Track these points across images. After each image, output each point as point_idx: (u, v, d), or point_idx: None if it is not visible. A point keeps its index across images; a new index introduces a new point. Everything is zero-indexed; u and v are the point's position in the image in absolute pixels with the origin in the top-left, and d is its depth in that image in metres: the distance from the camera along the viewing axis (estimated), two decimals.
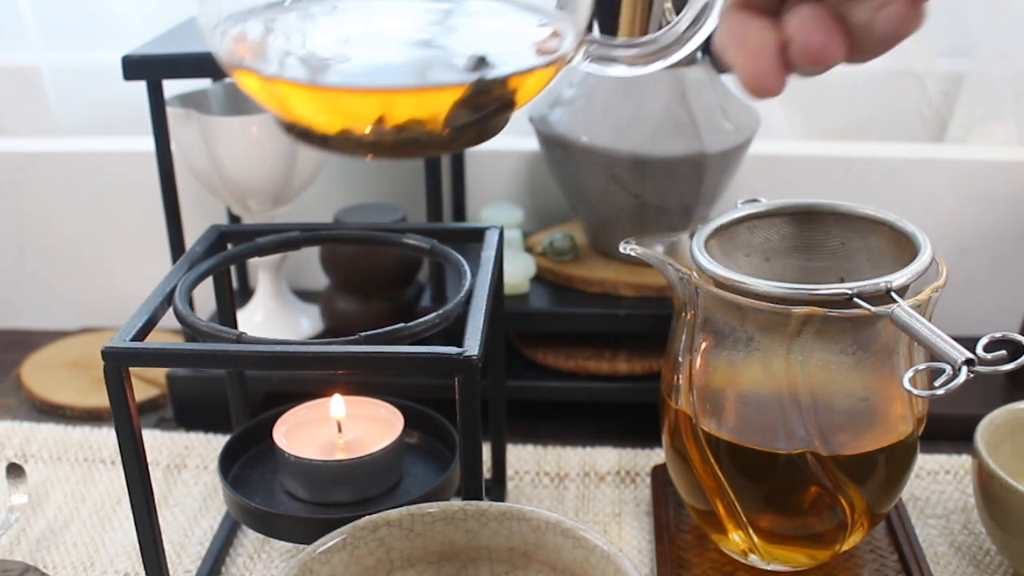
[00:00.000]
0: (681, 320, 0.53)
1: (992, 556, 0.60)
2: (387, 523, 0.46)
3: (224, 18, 0.38)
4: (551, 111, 0.71)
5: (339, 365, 0.46)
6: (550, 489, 0.67)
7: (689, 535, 0.60)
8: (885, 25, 0.32)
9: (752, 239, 0.56)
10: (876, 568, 0.57)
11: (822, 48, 0.32)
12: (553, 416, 0.76)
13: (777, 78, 0.34)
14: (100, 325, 0.90)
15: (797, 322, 0.47)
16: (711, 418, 0.52)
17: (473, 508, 0.46)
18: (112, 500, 0.67)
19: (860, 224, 0.54)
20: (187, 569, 0.60)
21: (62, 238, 0.88)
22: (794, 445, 0.50)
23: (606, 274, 0.73)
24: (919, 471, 0.67)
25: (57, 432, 0.73)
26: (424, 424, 0.61)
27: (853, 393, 0.50)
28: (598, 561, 0.44)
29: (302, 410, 0.59)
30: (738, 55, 0.34)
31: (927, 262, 0.49)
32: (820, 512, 0.52)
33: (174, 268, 0.53)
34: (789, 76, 0.34)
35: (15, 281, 0.90)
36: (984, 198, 0.81)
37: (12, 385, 0.81)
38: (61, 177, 0.86)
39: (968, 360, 0.41)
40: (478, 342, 0.46)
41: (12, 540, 0.63)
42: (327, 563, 0.44)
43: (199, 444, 0.72)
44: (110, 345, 0.45)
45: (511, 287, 0.72)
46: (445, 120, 0.38)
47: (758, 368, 0.50)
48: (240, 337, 0.46)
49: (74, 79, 0.92)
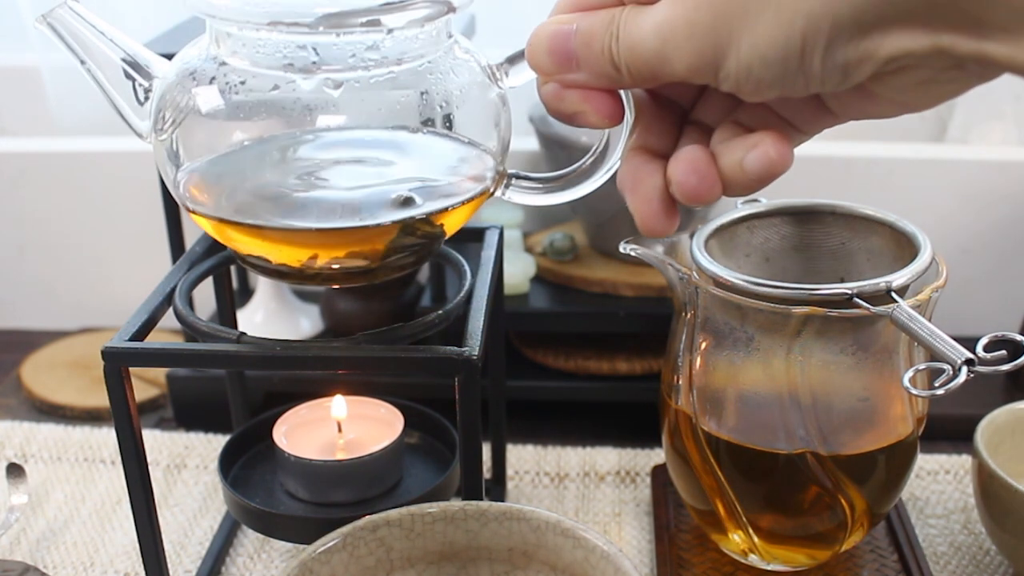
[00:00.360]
0: (681, 320, 0.53)
1: (992, 556, 0.60)
2: (387, 523, 0.46)
3: (185, 169, 0.42)
4: None
5: (339, 365, 0.46)
6: (550, 489, 0.67)
7: (689, 535, 0.60)
8: (755, 165, 0.35)
9: (752, 239, 0.56)
10: (876, 568, 0.57)
11: (695, 189, 0.36)
12: (553, 416, 0.76)
13: (665, 222, 0.38)
14: (100, 325, 0.90)
15: (797, 322, 0.47)
16: (711, 418, 0.52)
17: (473, 508, 0.46)
18: (112, 500, 0.66)
19: (860, 224, 0.54)
20: (187, 569, 0.60)
21: (62, 238, 0.88)
22: (794, 445, 0.50)
23: (606, 274, 0.73)
24: (919, 471, 0.67)
25: (57, 432, 0.73)
26: (424, 424, 0.61)
27: (853, 393, 0.50)
28: (598, 561, 0.44)
29: (302, 410, 0.59)
30: (632, 199, 0.38)
31: (927, 262, 0.49)
32: (820, 512, 0.52)
33: (174, 268, 0.53)
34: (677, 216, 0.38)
35: (15, 281, 0.90)
36: (984, 198, 0.81)
37: (12, 385, 0.81)
38: (61, 177, 0.86)
39: (968, 360, 0.41)
40: (478, 342, 0.46)
41: (12, 540, 0.63)
42: (327, 563, 0.44)
43: (199, 444, 0.72)
44: (110, 345, 0.45)
45: (511, 287, 0.72)
46: (381, 254, 0.43)
47: (758, 368, 0.50)
48: (240, 337, 0.46)
49: (74, 79, 0.92)
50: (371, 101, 0.41)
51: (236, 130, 0.42)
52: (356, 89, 0.41)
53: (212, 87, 0.41)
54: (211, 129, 0.42)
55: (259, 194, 0.43)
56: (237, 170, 0.43)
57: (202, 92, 0.42)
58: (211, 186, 0.43)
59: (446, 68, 0.43)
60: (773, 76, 0.32)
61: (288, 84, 0.41)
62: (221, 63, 0.41)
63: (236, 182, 0.43)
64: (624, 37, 0.34)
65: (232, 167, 0.43)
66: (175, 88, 0.42)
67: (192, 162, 0.43)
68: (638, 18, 0.34)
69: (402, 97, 0.42)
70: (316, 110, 0.41)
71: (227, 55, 0.41)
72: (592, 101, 0.37)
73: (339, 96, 0.40)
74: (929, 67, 0.31)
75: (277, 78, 0.41)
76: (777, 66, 0.31)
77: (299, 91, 0.41)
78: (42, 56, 0.92)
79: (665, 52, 0.33)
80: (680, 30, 0.32)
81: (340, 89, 0.40)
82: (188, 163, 0.43)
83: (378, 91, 0.41)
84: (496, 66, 0.44)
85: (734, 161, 0.35)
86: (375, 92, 0.41)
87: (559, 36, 0.36)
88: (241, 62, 0.41)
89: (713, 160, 0.36)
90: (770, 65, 0.31)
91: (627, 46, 0.34)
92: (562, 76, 0.37)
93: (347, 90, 0.41)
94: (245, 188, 0.43)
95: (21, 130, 0.96)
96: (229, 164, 0.43)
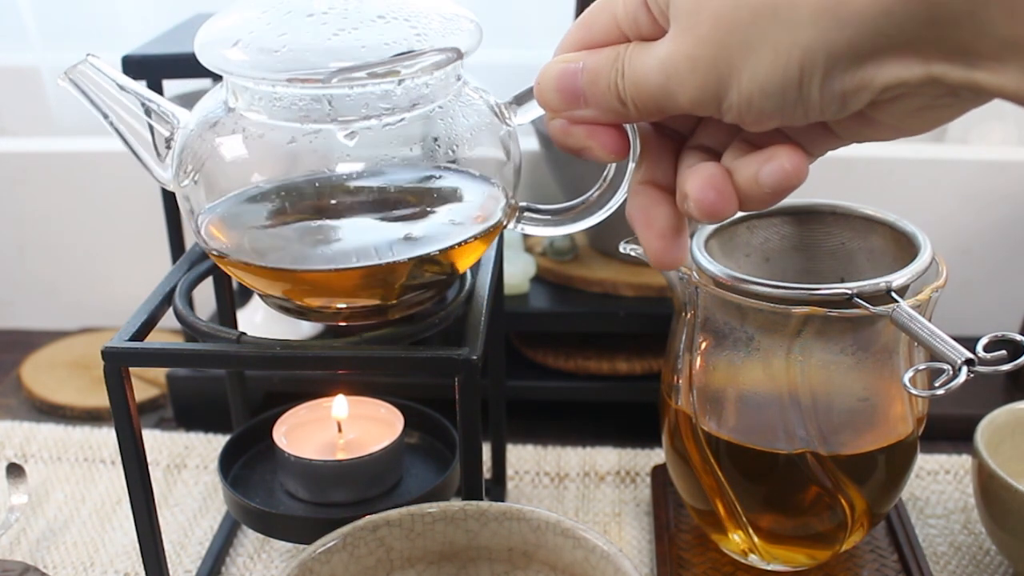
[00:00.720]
0: (681, 320, 0.53)
1: (992, 556, 0.60)
2: (387, 523, 0.46)
3: (204, 209, 0.44)
4: None
5: (339, 365, 0.46)
6: (550, 489, 0.67)
7: (689, 535, 0.60)
8: (770, 178, 0.35)
9: (752, 239, 0.56)
10: (876, 568, 0.57)
11: (713, 205, 0.36)
12: (553, 416, 0.76)
13: (677, 255, 0.39)
14: (100, 325, 0.90)
15: (797, 322, 0.47)
16: (711, 418, 0.52)
17: (473, 508, 0.46)
18: (112, 500, 0.66)
19: (860, 224, 0.54)
20: (187, 569, 0.60)
21: (62, 238, 0.88)
22: (794, 445, 0.50)
23: (606, 274, 0.73)
24: (919, 471, 0.67)
25: (57, 432, 0.73)
26: (424, 424, 0.61)
27: (853, 393, 0.50)
28: (598, 561, 0.44)
29: (302, 410, 0.59)
30: (644, 233, 0.39)
31: (927, 262, 0.49)
32: (820, 512, 0.52)
33: (174, 268, 0.53)
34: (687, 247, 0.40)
35: (15, 281, 0.90)
36: (984, 198, 0.81)
37: (12, 385, 0.81)
38: (61, 177, 0.86)
39: (968, 360, 0.41)
40: (478, 342, 0.46)
41: (12, 540, 0.63)
42: (327, 563, 0.44)
43: (199, 444, 0.72)
44: (110, 345, 0.45)
45: (511, 287, 0.72)
46: (396, 292, 0.45)
47: (758, 368, 0.50)
48: (240, 337, 0.46)
49: None
50: (385, 147, 0.42)
51: (255, 177, 0.44)
52: (370, 137, 0.42)
53: (232, 138, 0.43)
54: (231, 177, 0.44)
55: (277, 237, 0.44)
56: (255, 216, 0.44)
57: (222, 143, 0.43)
58: (231, 231, 0.44)
59: (456, 111, 0.44)
60: (773, 106, 0.33)
61: (304, 137, 0.42)
62: (239, 116, 0.43)
63: (255, 228, 0.44)
64: (629, 73, 0.35)
65: (251, 213, 0.44)
66: (196, 139, 0.44)
67: (213, 207, 0.44)
68: (642, 55, 0.35)
69: (415, 142, 0.43)
70: (332, 158, 0.42)
71: (244, 108, 0.43)
72: (598, 136, 0.38)
73: (354, 145, 0.42)
74: (924, 95, 0.32)
75: (294, 130, 0.42)
76: (776, 97, 0.32)
77: (315, 143, 0.42)
78: (42, 56, 0.92)
79: (669, 87, 0.34)
80: (683, 65, 0.33)
81: (355, 139, 0.42)
82: (209, 209, 0.44)
83: (391, 137, 0.42)
84: (504, 104, 0.45)
85: (749, 175, 0.36)
86: (388, 139, 0.42)
87: (566, 74, 0.37)
88: (258, 115, 0.42)
89: (728, 175, 0.36)
90: (770, 96, 0.32)
91: (632, 82, 0.35)
92: (570, 112, 0.38)
93: (361, 138, 0.42)
94: (264, 233, 0.44)
95: (21, 130, 0.96)
96: (248, 210, 0.44)
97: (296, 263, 0.43)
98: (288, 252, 0.44)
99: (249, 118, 0.42)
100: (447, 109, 0.43)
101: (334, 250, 0.43)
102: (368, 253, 0.43)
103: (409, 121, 0.42)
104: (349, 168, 0.42)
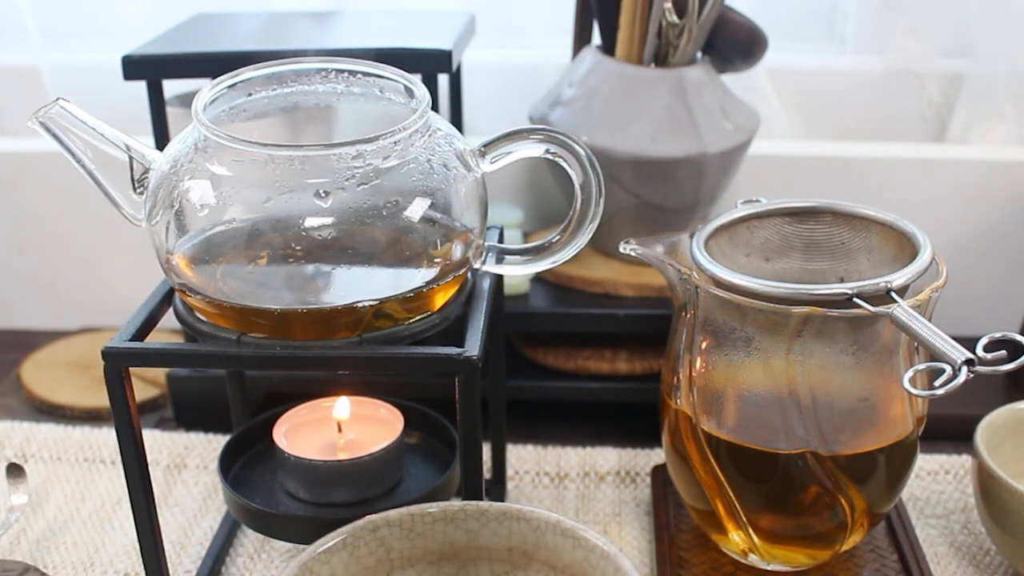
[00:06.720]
0: (681, 320, 0.53)
1: (992, 556, 0.60)
2: (387, 523, 0.46)
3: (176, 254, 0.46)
4: (551, 111, 0.71)
5: (339, 365, 0.46)
6: (550, 489, 0.67)
7: (689, 535, 0.60)
8: None
9: (752, 239, 0.56)
10: (876, 568, 0.57)
11: None
12: (553, 416, 0.76)
13: None
14: (100, 325, 0.90)
15: (797, 322, 0.47)
16: (711, 418, 0.52)
17: (473, 508, 0.46)
18: (112, 500, 0.67)
19: (860, 224, 0.54)
20: (187, 569, 0.60)
21: (62, 238, 0.88)
22: (794, 445, 0.50)
23: (606, 274, 0.73)
24: (919, 471, 0.67)
25: (57, 432, 0.73)
26: (424, 424, 0.61)
27: (853, 393, 0.50)
28: (598, 561, 0.44)
29: (302, 410, 0.59)
30: None
31: (927, 262, 0.49)
32: (820, 512, 0.52)
33: None
34: None
35: (15, 281, 0.90)
36: (984, 198, 0.81)
37: (12, 385, 0.81)
38: (61, 177, 0.86)
39: (968, 360, 0.41)
40: (478, 342, 0.46)
41: (12, 540, 0.63)
42: (327, 563, 0.44)
43: (199, 444, 0.72)
44: (110, 345, 0.46)
45: (511, 287, 0.72)
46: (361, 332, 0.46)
47: (758, 368, 0.50)
48: (240, 337, 0.46)
49: (74, 79, 0.91)
50: (358, 203, 0.44)
51: (226, 223, 0.45)
52: (343, 196, 0.44)
53: (204, 188, 0.44)
54: (202, 221, 0.45)
55: (244, 279, 0.45)
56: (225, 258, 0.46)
57: (194, 191, 0.45)
58: (200, 269, 0.46)
59: (425, 162, 0.46)
60: None
61: (280, 196, 0.44)
62: (213, 174, 0.44)
63: (224, 269, 0.46)
64: None
65: (220, 255, 0.46)
66: (169, 181, 0.46)
67: (183, 247, 0.46)
68: None
69: (388, 195, 0.45)
70: (305, 216, 0.44)
71: (222, 169, 0.44)
72: None
73: (328, 204, 0.44)
74: None
75: (269, 190, 0.44)
76: None
77: (290, 203, 0.44)
78: (42, 56, 0.92)
79: None
80: None
81: (328, 198, 0.44)
82: (179, 248, 0.46)
83: (364, 193, 0.44)
84: (471, 152, 0.48)
85: None
86: (362, 195, 0.44)
87: None
88: (236, 173, 0.44)
89: None
90: None
91: None
92: None
93: (335, 197, 0.44)
94: (232, 274, 0.46)
95: (21, 130, 0.96)
96: (218, 252, 0.46)
97: (249, 301, 0.45)
98: (250, 291, 0.45)
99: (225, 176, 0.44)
100: (418, 162, 0.45)
101: (298, 290, 0.45)
102: (329, 296, 0.44)
103: (381, 178, 0.44)
104: (322, 222, 0.44)
